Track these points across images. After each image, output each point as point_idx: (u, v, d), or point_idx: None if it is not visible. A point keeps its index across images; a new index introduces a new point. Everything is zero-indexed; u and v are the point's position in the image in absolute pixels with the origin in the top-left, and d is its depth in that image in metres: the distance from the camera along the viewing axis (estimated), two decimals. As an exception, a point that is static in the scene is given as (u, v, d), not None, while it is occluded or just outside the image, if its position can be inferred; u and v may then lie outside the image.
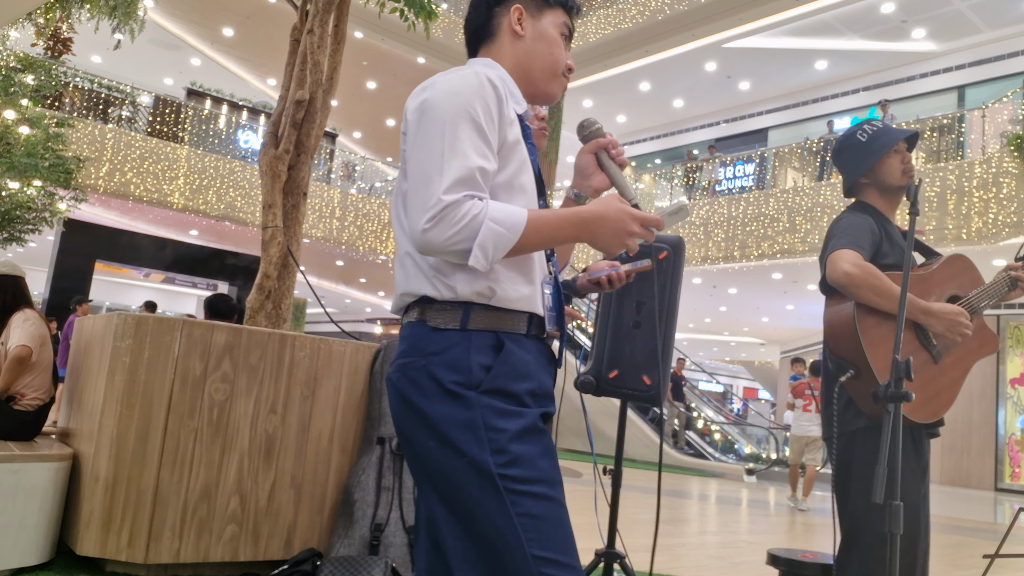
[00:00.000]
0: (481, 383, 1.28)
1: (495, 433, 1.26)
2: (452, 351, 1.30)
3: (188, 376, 3.06)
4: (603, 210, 1.32)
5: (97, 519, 2.91)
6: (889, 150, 2.27)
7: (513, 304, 1.34)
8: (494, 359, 1.30)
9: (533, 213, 1.29)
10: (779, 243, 13.18)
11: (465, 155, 1.26)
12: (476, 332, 1.31)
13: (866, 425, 2.14)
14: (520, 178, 1.38)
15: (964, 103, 14.76)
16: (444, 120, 1.29)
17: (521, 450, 1.27)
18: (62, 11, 9.45)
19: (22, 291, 3.86)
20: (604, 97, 18.07)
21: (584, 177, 1.53)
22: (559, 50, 1.50)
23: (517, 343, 1.34)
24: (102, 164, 13.70)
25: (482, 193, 1.27)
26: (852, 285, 2.08)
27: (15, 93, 9.68)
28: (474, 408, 1.27)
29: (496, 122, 1.33)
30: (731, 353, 28.30)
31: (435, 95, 1.32)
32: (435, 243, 1.24)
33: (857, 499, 2.13)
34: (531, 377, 1.34)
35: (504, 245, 1.25)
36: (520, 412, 1.30)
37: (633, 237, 1.33)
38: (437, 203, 1.23)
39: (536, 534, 1.23)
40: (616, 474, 2.80)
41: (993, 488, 13.99)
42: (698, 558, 4.97)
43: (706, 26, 14.54)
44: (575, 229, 1.32)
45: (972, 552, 6.21)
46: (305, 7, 4.56)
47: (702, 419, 16.04)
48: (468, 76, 1.33)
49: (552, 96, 1.53)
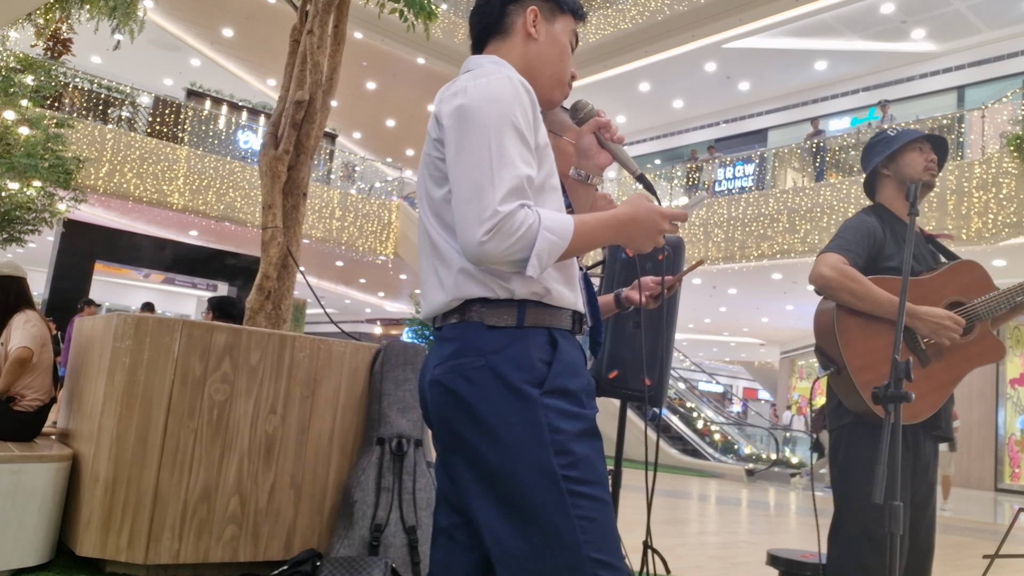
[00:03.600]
0: (544, 381, 1.28)
1: (558, 434, 1.26)
2: (512, 348, 1.30)
3: (188, 376, 3.05)
4: (634, 211, 1.36)
5: (97, 520, 2.91)
6: (911, 142, 2.30)
7: (562, 302, 1.36)
8: (552, 356, 1.31)
9: (578, 220, 1.31)
10: (779, 243, 13.18)
11: (514, 164, 1.27)
12: (532, 329, 1.32)
13: (852, 422, 2.18)
14: (552, 179, 1.39)
15: (964, 103, 14.75)
16: (488, 128, 1.28)
17: (582, 452, 1.27)
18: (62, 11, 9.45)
19: (24, 292, 3.86)
20: (604, 97, 18.06)
21: (587, 157, 1.55)
22: (568, 59, 1.51)
23: (567, 340, 1.36)
24: (102, 164, 13.70)
25: (531, 201, 1.28)
26: (828, 288, 2.14)
27: (15, 94, 9.68)
28: (537, 408, 1.26)
29: (532, 127, 1.34)
30: (731, 353, 28.30)
31: (474, 102, 1.31)
32: (493, 254, 1.24)
33: (841, 493, 2.18)
34: (583, 374, 1.36)
35: (556, 252, 1.27)
36: (580, 413, 1.30)
37: (663, 234, 1.38)
38: (494, 215, 1.23)
39: (592, 536, 1.24)
40: (616, 475, 2.80)
41: (993, 488, 13.99)
42: (698, 558, 4.97)
43: (706, 26, 14.54)
44: (613, 231, 1.35)
45: (972, 552, 6.21)
46: (305, 7, 4.56)
47: (702, 419, 16.04)
48: (503, 81, 1.33)
49: (553, 103, 1.54)
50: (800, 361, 21.82)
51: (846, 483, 2.15)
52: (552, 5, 1.50)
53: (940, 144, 2.35)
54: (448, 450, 1.34)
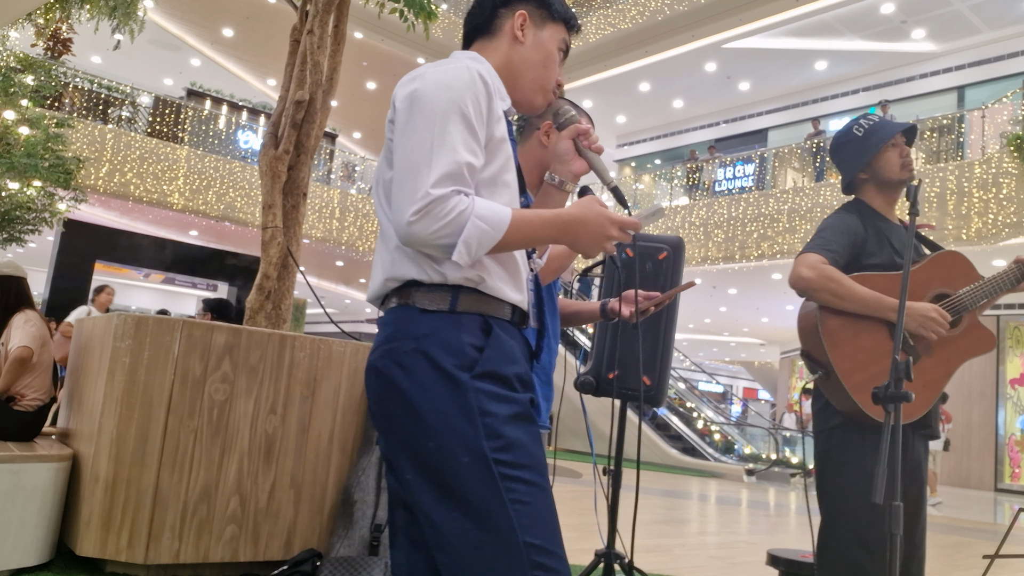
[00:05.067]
0: (474, 365, 1.28)
1: (489, 417, 1.26)
2: (444, 332, 1.30)
3: (188, 376, 3.05)
4: (583, 214, 1.34)
5: (97, 519, 2.91)
6: (887, 144, 2.24)
7: (499, 294, 1.35)
8: (484, 341, 1.31)
9: (517, 213, 1.30)
10: (779, 243, 13.18)
11: (454, 149, 1.27)
12: (466, 315, 1.32)
13: (841, 423, 2.14)
14: (505, 175, 1.39)
15: (964, 103, 14.75)
16: (435, 113, 1.29)
17: (514, 436, 1.27)
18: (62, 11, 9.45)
19: (24, 292, 3.86)
20: (604, 97, 18.06)
21: (563, 163, 1.53)
22: (553, 66, 1.51)
23: (503, 328, 1.35)
24: (102, 164, 13.70)
25: (468, 189, 1.28)
26: (809, 289, 2.10)
27: (15, 94, 9.67)
28: (468, 392, 1.26)
29: (485, 118, 1.34)
30: (731, 353, 28.31)
31: (426, 87, 1.32)
32: (420, 236, 1.25)
33: (831, 495, 2.14)
34: (518, 362, 1.35)
35: (487, 242, 1.26)
36: (512, 397, 1.30)
37: (611, 240, 1.35)
38: (424, 196, 1.24)
39: (528, 520, 1.24)
40: (616, 474, 2.80)
41: (993, 488, 13.99)
42: (698, 558, 4.97)
43: (706, 26, 14.54)
44: (556, 231, 1.34)
45: (972, 552, 6.21)
46: (305, 7, 4.56)
47: (702, 419, 16.04)
48: (460, 70, 1.34)
49: (534, 108, 1.54)
50: (800, 361, 21.80)
51: (837, 486, 2.11)
52: (544, 12, 1.51)
53: (910, 132, 2.30)
54: (385, 436, 1.33)
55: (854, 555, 2.05)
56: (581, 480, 9.29)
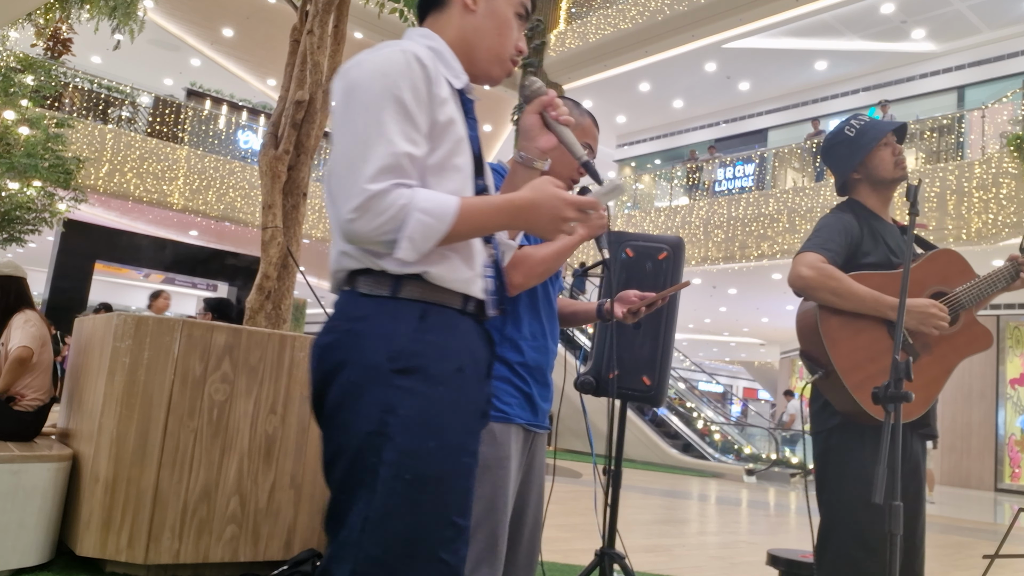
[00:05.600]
0: (400, 356, 1.22)
1: (392, 416, 1.20)
2: (376, 317, 1.25)
3: (188, 376, 3.05)
4: (536, 196, 1.27)
5: (97, 519, 2.91)
6: (879, 143, 2.24)
7: (448, 284, 1.29)
8: (417, 328, 1.25)
9: (465, 202, 1.24)
10: (779, 243, 13.18)
11: (391, 141, 1.22)
12: (405, 301, 1.26)
13: (840, 423, 2.14)
14: (455, 159, 1.32)
15: (964, 103, 14.75)
16: (369, 103, 1.24)
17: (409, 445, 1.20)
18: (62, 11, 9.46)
19: (24, 292, 3.86)
20: (604, 97, 18.07)
21: (529, 139, 1.45)
22: (509, 32, 1.43)
23: (444, 316, 1.29)
24: (102, 164, 13.71)
25: (410, 180, 1.23)
26: (809, 288, 2.08)
27: (15, 94, 9.68)
28: (380, 385, 1.21)
29: (426, 103, 1.28)
30: (731, 353, 28.31)
31: (360, 76, 1.27)
32: (361, 233, 1.20)
33: (830, 496, 2.14)
34: (452, 357, 1.27)
35: (433, 236, 1.21)
36: (430, 394, 1.23)
37: (568, 222, 1.28)
38: (361, 192, 1.19)
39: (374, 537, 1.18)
40: (616, 474, 2.80)
41: (993, 488, 13.99)
42: (698, 558, 4.97)
43: (706, 26, 14.54)
44: (508, 217, 1.28)
45: (972, 552, 6.21)
46: (305, 7, 4.56)
47: (702, 419, 16.04)
48: (395, 55, 1.27)
49: (493, 79, 1.46)
50: (800, 361, 21.81)
51: (837, 486, 2.11)
52: None
53: (901, 130, 2.30)
54: (317, 420, 1.30)
55: (854, 555, 2.05)
56: (581, 480, 9.29)
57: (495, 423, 1.83)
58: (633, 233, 2.71)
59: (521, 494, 1.96)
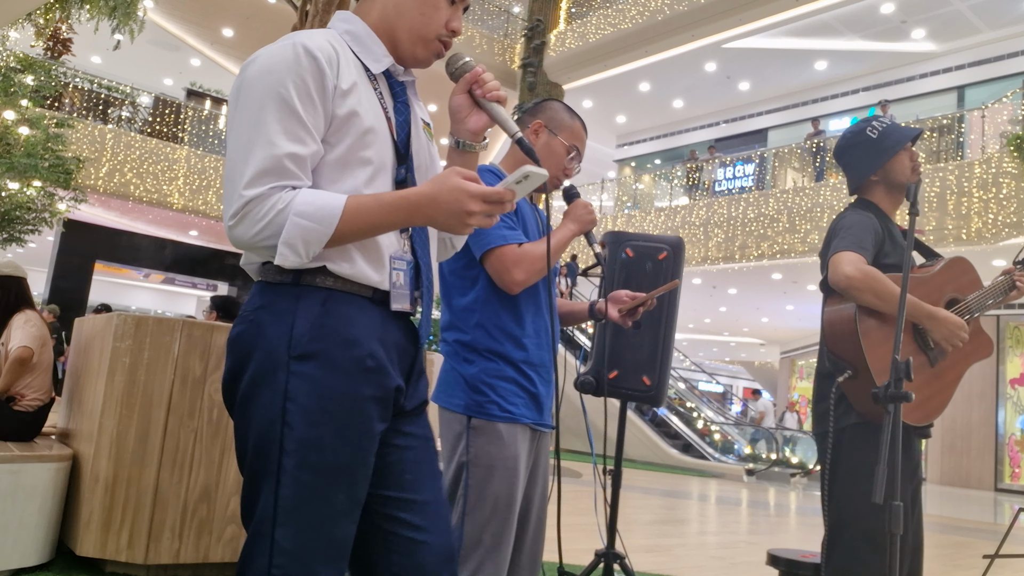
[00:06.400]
0: (299, 342, 1.20)
1: (292, 403, 1.19)
2: (278, 304, 1.23)
3: (188, 376, 3.06)
4: (435, 191, 1.21)
5: (97, 520, 2.91)
6: (901, 148, 2.26)
7: (348, 276, 1.25)
8: (318, 314, 1.22)
9: (352, 201, 1.19)
10: (779, 243, 13.18)
11: (271, 142, 1.17)
12: (307, 287, 1.23)
13: (855, 423, 2.14)
14: (361, 152, 1.26)
15: (964, 103, 14.75)
16: (252, 104, 1.20)
17: (308, 434, 1.19)
18: (62, 11, 9.45)
19: (24, 292, 3.86)
20: (604, 97, 18.07)
21: (459, 121, 1.37)
22: (433, 11, 1.35)
23: (350, 303, 1.25)
24: (102, 164, 13.71)
25: (295, 181, 1.19)
26: (853, 288, 2.06)
27: (15, 93, 9.68)
28: (280, 371, 1.20)
29: (317, 98, 1.21)
30: (731, 353, 28.31)
31: (249, 75, 1.22)
32: (242, 240, 1.18)
33: (841, 495, 2.14)
34: (358, 344, 1.24)
35: (317, 240, 1.17)
36: (327, 384, 1.20)
37: (475, 216, 1.21)
38: (239, 199, 1.16)
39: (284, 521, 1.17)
40: (616, 474, 2.80)
41: (993, 488, 13.99)
42: (698, 558, 4.97)
43: (706, 26, 14.53)
44: (405, 214, 1.22)
45: (972, 552, 6.21)
46: (305, 7, 4.57)
47: (702, 419, 16.04)
48: (284, 49, 1.22)
49: (420, 61, 1.38)
50: (800, 361, 21.82)
51: (850, 485, 2.11)
52: None
53: (916, 138, 2.34)
54: (229, 412, 1.30)
55: (864, 554, 2.05)
56: (581, 480, 9.29)
57: (501, 424, 1.83)
58: (633, 233, 2.72)
59: (528, 494, 1.96)
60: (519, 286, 1.83)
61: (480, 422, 1.83)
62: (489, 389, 1.84)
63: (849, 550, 2.10)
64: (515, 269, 1.81)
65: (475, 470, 1.81)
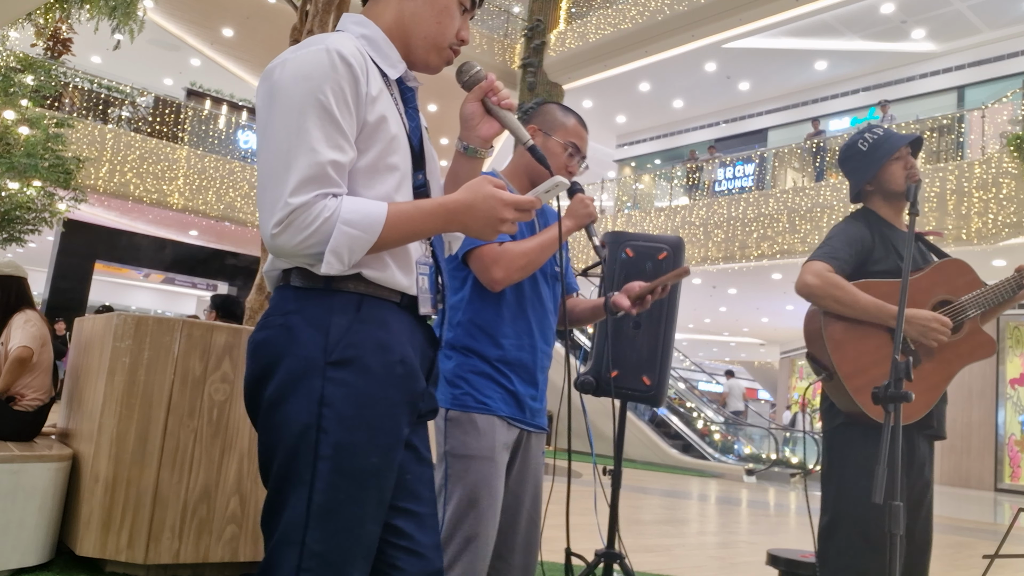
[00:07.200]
0: (335, 348, 1.20)
1: (328, 409, 1.18)
2: (311, 308, 1.22)
3: (188, 376, 3.06)
4: (471, 198, 1.23)
5: (97, 519, 2.91)
6: (890, 157, 2.29)
7: (381, 282, 1.26)
8: (353, 319, 1.23)
9: (394, 209, 1.21)
10: (779, 243, 13.18)
11: (314, 149, 1.17)
12: (340, 292, 1.24)
13: (842, 423, 2.20)
14: (389, 158, 1.28)
15: (964, 103, 14.75)
16: (291, 109, 1.19)
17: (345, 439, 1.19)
18: (62, 11, 9.45)
19: (24, 292, 3.86)
20: (604, 97, 18.06)
21: (470, 128, 1.40)
22: (449, 20, 1.36)
23: (382, 308, 1.26)
24: (102, 164, 13.71)
25: (336, 189, 1.19)
26: (813, 296, 2.18)
27: (15, 93, 9.68)
28: (316, 376, 1.19)
29: (352, 105, 1.22)
30: (731, 353, 28.31)
31: (283, 79, 1.21)
32: (286, 248, 1.17)
33: (834, 491, 2.19)
34: (391, 349, 1.25)
35: (361, 247, 1.18)
36: (362, 389, 1.20)
37: (506, 223, 1.25)
38: (284, 207, 1.15)
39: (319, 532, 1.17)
40: (616, 474, 2.80)
41: (993, 488, 13.99)
42: (698, 558, 4.97)
43: (706, 26, 14.53)
44: (442, 221, 1.24)
45: (972, 552, 6.21)
46: (305, 7, 4.57)
47: (702, 419, 16.04)
48: (319, 54, 1.21)
49: (431, 68, 1.40)
50: (800, 361, 21.83)
51: (839, 484, 2.17)
52: None
53: (916, 144, 2.35)
54: (252, 419, 1.28)
55: (857, 553, 2.08)
56: (581, 480, 9.29)
57: (477, 414, 1.86)
58: (633, 233, 2.72)
59: (516, 495, 1.96)
60: (499, 284, 1.85)
61: (456, 414, 1.86)
62: (463, 382, 1.88)
63: (842, 547, 2.13)
64: (494, 267, 1.83)
65: (453, 460, 1.84)
